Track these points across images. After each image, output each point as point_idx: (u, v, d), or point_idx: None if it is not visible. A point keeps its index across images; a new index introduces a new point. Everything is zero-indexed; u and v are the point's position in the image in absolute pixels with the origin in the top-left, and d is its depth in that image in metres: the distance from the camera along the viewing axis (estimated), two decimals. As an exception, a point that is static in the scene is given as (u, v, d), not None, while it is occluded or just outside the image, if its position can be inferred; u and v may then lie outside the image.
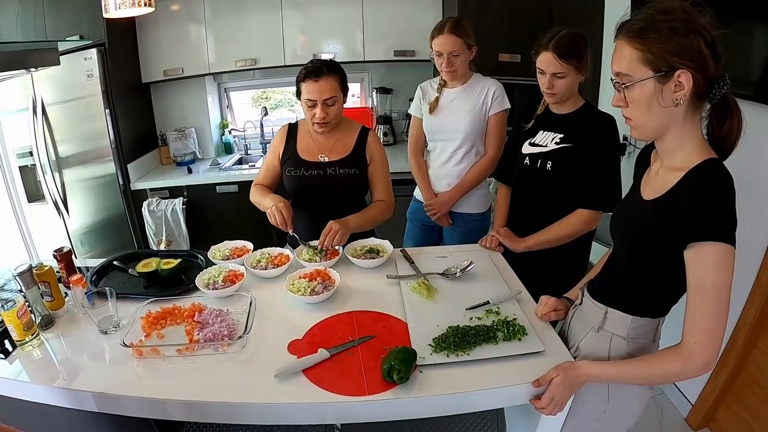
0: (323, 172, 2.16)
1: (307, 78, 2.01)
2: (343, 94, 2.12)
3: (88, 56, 3.30)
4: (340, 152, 2.19)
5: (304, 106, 2.09)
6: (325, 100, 2.03)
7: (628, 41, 1.12)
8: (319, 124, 2.08)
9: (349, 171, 2.17)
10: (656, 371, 1.22)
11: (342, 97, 2.11)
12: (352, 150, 2.19)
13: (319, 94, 2.01)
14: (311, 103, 2.04)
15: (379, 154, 2.23)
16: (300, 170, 2.17)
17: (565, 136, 1.96)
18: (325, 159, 2.17)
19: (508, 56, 3.43)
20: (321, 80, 2.00)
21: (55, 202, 3.70)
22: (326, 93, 2.02)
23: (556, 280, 1.77)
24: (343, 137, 2.21)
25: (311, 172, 2.16)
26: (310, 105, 2.05)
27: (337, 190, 2.17)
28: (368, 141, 2.22)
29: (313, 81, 2.00)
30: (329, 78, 2.01)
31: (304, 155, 2.18)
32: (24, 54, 2.19)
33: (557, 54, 1.82)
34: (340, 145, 2.19)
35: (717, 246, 1.08)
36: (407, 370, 1.28)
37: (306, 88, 2.03)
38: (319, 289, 1.70)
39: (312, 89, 2.01)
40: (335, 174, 2.16)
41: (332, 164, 2.16)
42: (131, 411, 1.34)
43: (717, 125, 1.15)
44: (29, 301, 1.57)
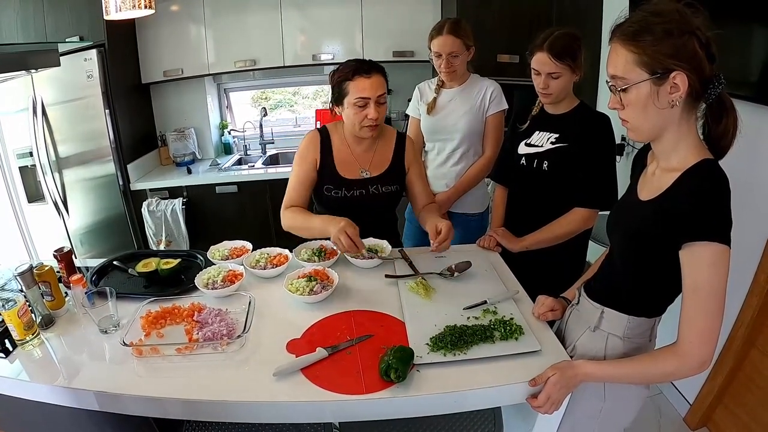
0: (366, 191, 2.04)
1: (358, 74, 1.86)
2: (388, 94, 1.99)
3: (88, 57, 3.30)
4: (380, 165, 2.06)
5: (352, 108, 1.89)
6: (378, 98, 1.88)
7: (623, 44, 1.13)
8: (370, 126, 1.92)
9: (392, 188, 2.07)
10: (652, 370, 1.23)
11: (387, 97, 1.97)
12: (390, 162, 2.06)
13: (372, 90, 1.86)
14: (363, 101, 1.87)
15: (418, 159, 2.14)
16: (341, 190, 2.02)
17: (561, 136, 1.97)
18: (366, 174, 2.04)
19: (506, 57, 3.43)
20: (373, 76, 1.86)
21: (55, 202, 3.70)
22: (380, 89, 1.88)
23: (553, 279, 1.78)
24: (380, 146, 2.07)
25: (353, 193, 2.03)
26: (361, 104, 1.87)
27: (377, 209, 2.06)
28: (406, 149, 2.10)
29: (365, 77, 1.85)
30: (379, 75, 1.89)
31: (344, 172, 2.03)
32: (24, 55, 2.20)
33: (552, 54, 1.83)
34: (378, 157, 2.06)
35: (712, 246, 1.09)
36: (404, 369, 1.29)
37: (356, 86, 1.86)
38: (318, 288, 1.70)
39: (364, 86, 1.85)
40: (378, 193, 2.05)
41: (374, 181, 2.04)
42: (131, 410, 1.34)
43: (713, 125, 1.16)
44: (30, 301, 1.58)
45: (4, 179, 3.78)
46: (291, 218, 1.99)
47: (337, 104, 1.96)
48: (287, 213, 2.01)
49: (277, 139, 4.45)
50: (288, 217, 2.00)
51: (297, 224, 1.98)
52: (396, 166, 2.08)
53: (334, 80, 1.93)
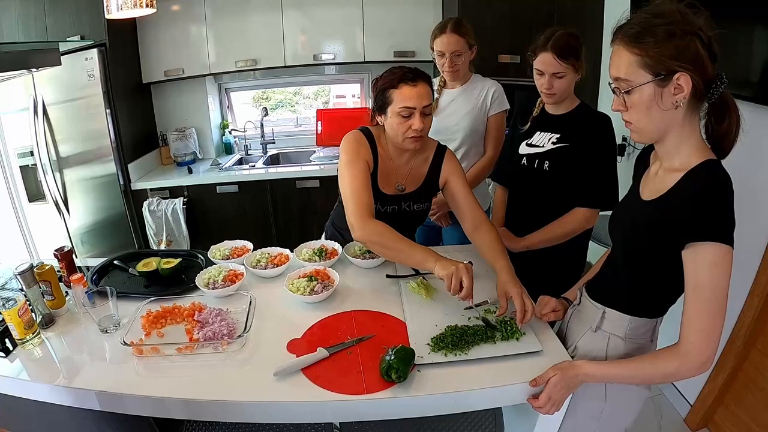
0: (398, 207, 1.96)
1: (404, 82, 1.74)
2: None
3: (89, 56, 3.30)
4: (415, 180, 1.96)
5: (396, 118, 1.77)
6: (424, 108, 1.76)
7: (626, 46, 1.13)
8: (414, 138, 1.79)
9: (423, 206, 2.00)
10: (653, 371, 1.23)
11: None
12: (425, 178, 1.96)
13: (419, 100, 1.74)
14: (407, 111, 1.75)
15: (459, 170, 1.95)
16: (377, 204, 1.85)
17: (562, 136, 1.96)
18: (401, 189, 1.95)
19: (507, 57, 3.42)
20: (419, 85, 1.75)
21: (55, 201, 3.70)
22: (426, 99, 1.76)
23: (554, 279, 1.78)
24: (418, 160, 1.96)
25: (386, 209, 1.94)
26: (406, 114, 1.75)
27: (406, 225, 1.93)
28: (444, 162, 1.95)
29: (412, 86, 1.74)
30: (425, 84, 1.77)
31: (383, 184, 1.92)
32: (25, 54, 2.20)
33: (557, 54, 1.83)
34: (415, 171, 1.96)
35: (715, 246, 1.08)
36: (405, 369, 1.29)
37: (401, 95, 1.74)
38: (319, 288, 1.70)
39: (410, 95, 1.73)
40: (409, 211, 1.98)
41: (407, 198, 1.96)
42: (131, 409, 1.34)
43: (715, 124, 1.16)
44: (30, 300, 1.58)
45: (4, 178, 3.78)
46: (378, 233, 1.71)
47: (380, 113, 1.84)
48: (372, 225, 1.72)
49: (277, 139, 4.45)
50: (373, 231, 1.71)
51: (386, 242, 1.70)
52: (430, 182, 1.97)
53: (377, 87, 1.82)
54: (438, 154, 1.97)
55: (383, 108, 1.81)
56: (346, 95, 4.80)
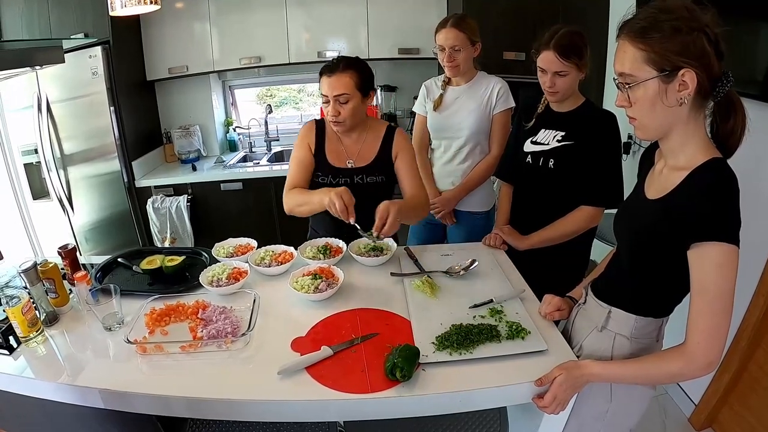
0: (350, 180, 2.09)
1: (322, 73, 1.98)
2: (362, 93, 2.01)
3: (93, 54, 3.30)
4: (366, 157, 2.12)
5: (323, 103, 2.03)
6: (336, 97, 1.96)
7: (631, 41, 1.12)
8: (333, 122, 2.03)
9: (377, 179, 2.11)
10: (659, 371, 1.22)
11: (359, 96, 2.00)
12: (377, 153, 2.12)
13: (329, 89, 1.96)
14: (325, 98, 1.99)
15: (407, 149, 2.14)
16: (328, 177, 2.10)
17: (567, 134, 1.96)
18: (351, 165, 2.11)
19: (512, 54, 3.42)
20: (334, 76, 1.95)
21: (60, 199, 3.71)
22: (337, 89, 1.95)
23: (559, 277, 1.77)
24: (369, 139, 2.14)
25: (338, 180, 2.09)
26: (324, 101, 2.00)
27: (364, 198, 2.01)
28: (394, 139, 2.13)
29: (327, 76, 1.96)
30: (342, 75, 1.95)
31: (333, 160, 2.12)
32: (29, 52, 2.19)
33: (559, 53, 1.82)
34: (366, 149, 2.13)
35: (721, 246, 1.07)
36: (410, 368, 1.28)
37: (322, 83, 1.99)
38: (323, 286, 1.70)
39: (325, 84, 1.97)
40: (363, 183, 2.10)
41: (359, 171, 2.11)
42: (135, 407, 1.34)
43: (721, 123, 1.15)
44: (34, 298, 1.58)
45: (9, 176, 3.79)
46: (292, 198, 2.06)
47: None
48: (288, 194, 2.08)
49: (282, 136, 4.45)
50: (289, 198, 2.07)
51: (297, 201, 2.03)
52: (382, 157, 2.12)
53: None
54: (389, 132, 2.14)
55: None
56: (351, 93, 4.77)
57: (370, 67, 2.05)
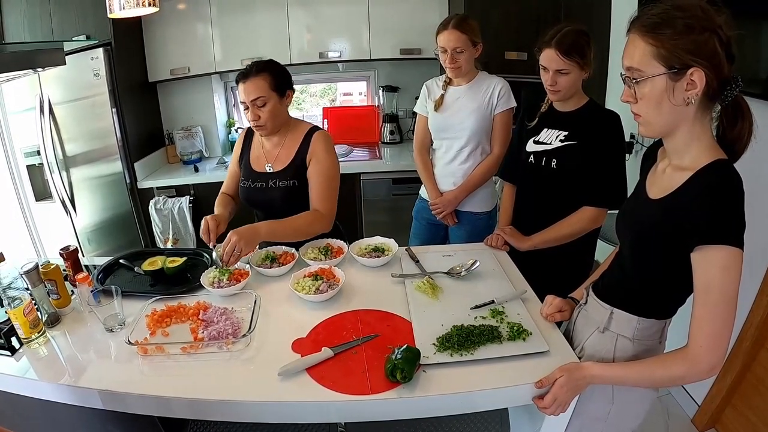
0: (265, 184, 2.13)
1: (239, 80, 2.00)
2: (279, 94, 2.02)
3: (95, 56, 3.30)
4: (283, 161, 2.12)
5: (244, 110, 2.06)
6: (254, 101, 1.98)
7: (642, 35, 1.10)
8: (255, 127, 2.07)
9: (288, 183, 2.10)
10: (661, 374, 1.21)
11: (276, 97, 2.01)
12: (293, 157, 2.11)
13: (246, 95, 1.98)
14: (243, 105, 2.02)
15: (321, 155, 2.07)
16: (248, 181, 2.17)
17: (570, 134, 1.95)
18: (270, 169, 2.13)
19: (514, 54, 3.40)
20: (248, 81, 1.97)
21: (62, 200, 3.71)
22: (252, 94, 1.97)
23: (561, 278, 1.77)
24: (288, 142, 2.13)
25: (255, 185, 2.14)
26: (244, 108, 2.03)
27: (276, 204, 2.08)
28: (311, 143, 2.09)
29: (242, 83, 1.99)
30: (256, 78, 1.97)
31: (254, 165, 2.17)
32: (30, 54, 2.20)
33: (560, 51, 1.81)
34: (284, 153, 2.13)
35: (725, 249, 1.06)
36: (411, 369, 1.28)
37: (239, 90, 2.02)
38: (324, 287, 1.70)
39: (241, 90, 2.00)
40: (275, 187, 2.11)
41: (274, 176, 2.12)
42: (136, 409, 1.34)
43: (727, 128, 1.14)
44: (35, 299, 1.58)
45: (11, 178, 3.79)
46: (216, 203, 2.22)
47: None
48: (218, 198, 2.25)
49: (283, 137, 4.42)
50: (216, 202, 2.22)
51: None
52: (295, 161, 2.11)
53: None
54: (307, 136, 2.13)
55: None
56: (353, 93, 4.79)
57: (284, 68, 2.08)
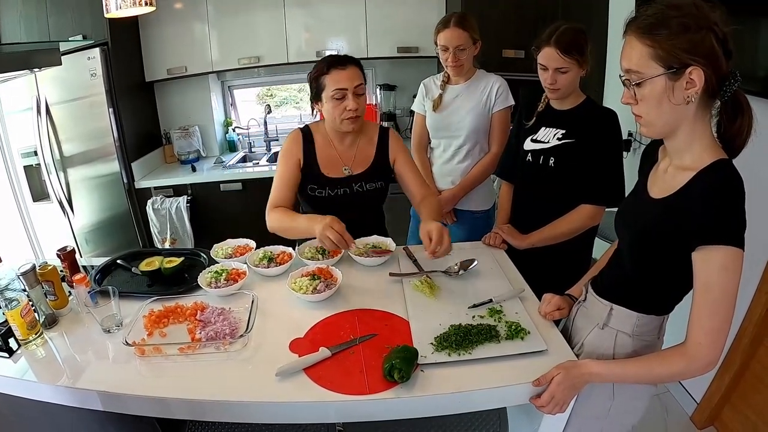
0: (350, 189, 2.03)
1: (333, 67, 1.87)
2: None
3: (92, 56, 3.29)
4: (363, 162, 2.05)
5: (330, 102, 1.90)
6: (356, 88, 1.87)
7: (638, 37, 1.10)
8: (351, 119, 1.91)
9: (376, 185, 2.06)
10: (659, 370, 1.22)
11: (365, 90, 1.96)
12: (374, 158, 2.05)
13: (349, 81, 1.86)
14: (340, 93, 1.87)
15: (405, 151, 2.08)
16: (324, 190, 2.02)
17: (567, 132, 1.95)
18: (348, 172, 2.03)
19: (512, 52, 3.40)
20: (348, 68, 1.88)
21: (59, 201, 3.71)
22: (356, 80, 1.87)
23: (559, 276, 1.76)
24: (363, 143, 2.06)
25: (337, 191, 2.03)
26: (339, 96, 1.87)
27: (363, 207, 2.02)
28: (390, 141, 2.07)
29: (341, 69, 1.87)
30: (354, 66, 1.90)
31: (327, 170, 2.02)
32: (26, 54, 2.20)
33: (560, 49, 1.81)
34: (361, 154, 2.05)
35: (726, 249, 1.07)
36: (408, 369, 1.28)
37: (333, 78, 1.87)
38: (321, 287, 1.69)
39: (341, 77, 1.86)
40: (362, 191, 2.04)
41: (357, 179, 2.03)
42: (133, 410, 1.34)
43: (727, 123, 1.14)
44: (33, 301, 1.58)
45: (8, 178, 3.79)
46: (276, 219, 1.94)
47: (317, 100, 1.97)
48: (272, 214, 1.96)
49: (281, 136, 4.44)
50: (273, 219, 1.95)
51: (283, 225, 1.92)
52: (379, 161, 2.06)
53: (311, 77, 1.95)
54: (382, 135, 2.08)
55: (318, 95, 1.94)
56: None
57: None
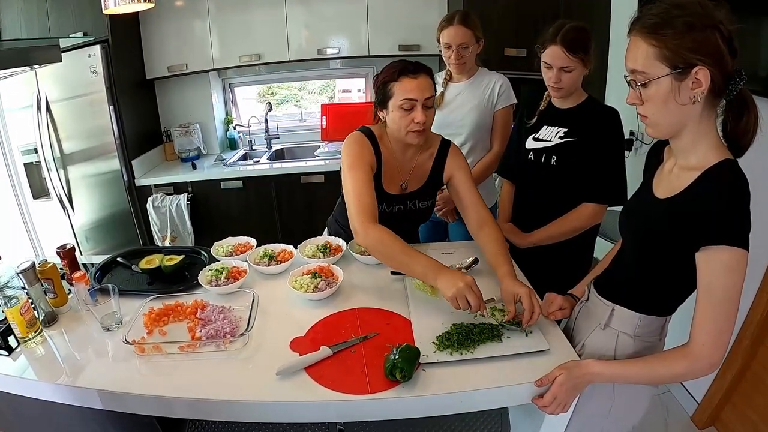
0: (404, 206, 1.93)
1: (404, 75, 1.70)
2: None
3: (92, 53, 3.29)
4: (420, 177, 1.92)
5: (397, 111, 1.72)
6: (426, 100, 1.71)
7: (643, 37, 1.09)
8: (417, 132, 1.74)
9: (428, 203, 1.97)
10: (662, 371, 1.21)
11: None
12: (429, 174, 1.92)
13: (420, 92, 1.69)
14: (409, 104, 1.70)
15: (463, 167, 1.90)
16: (381, 205, 1.84)
17: (569, 131, 1.94)
18: (405, 188, 1.92)
19: (513, 51, 3.39)
20: (420, 77, 1.71)
21: (60, 198, 3.71)
22: (428, 91, 1.71)
23: (561, 276, 1.76)
24: (423, 156, 1.92)
25: (392, 209, 1.91)
26: (407, 107, 1.70)
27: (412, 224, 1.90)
28: (448, 157, 1.91)
29: (413, 78, 1.70)
30: (426, 76, 1.73)
31: (387, 184, 1.89)
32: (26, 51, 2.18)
33: (565, 47, 1.79)
34: (419, 168, 1.92)
35: (730, 250, 1.07)
36: (410, 368, 1.27)
37: (403, 87, 1.70)
38: (322, 285, 1.68)
39: (412, 87, 1.69)
40: (415, 209, 1.95)
41: (413, 196, 1.93)
42: (133, 408, 1.33)
43: (733, 122, 1.13)
44: (32, 298, 1.57)
45: (9, 176, 3.79)
46: (381, 242, 1.63)
47: (382, 107, 1.79)
48: (377, 232, 1.64)
49: (282, 134, 4.43)
50: (377, 240, 1.64)
51: (391, 254, 1.63)
52: (434, 178, 1.94)
53: (378, 81, 1.79)
54: (442, 149, 1.92)
55: (384, 102, 1.77)
56: (352, 90, 4.77)
57: None
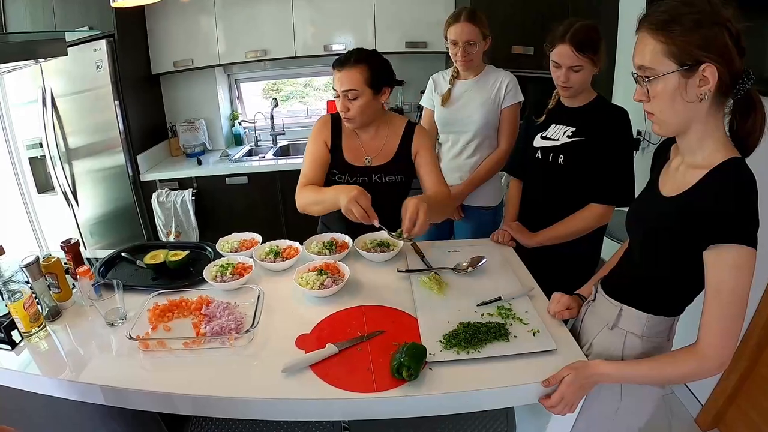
0: (368, 179, 2.04)
1: (333, 67, 1.91)
2: (374, 90, 1.92)
3: (98, 47, 3.29)
4: (386, 154, 2.05)
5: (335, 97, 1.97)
6: (345, 93, 1.89)
7: (652, 34, 1.09)
8: (343, 118, 1.97)
9: (396, 178, 2.06)
10: (670, 372, 1.20)
11: (369, 92, 1.91)
12: (396, 151, 2.05)
13: (339, 84, 1.89)
14: (335, 93, 1.93)
15: (429, 147, 2.06)
16: (344, 176, 2.05)
17: (578, 130, 1.92)
18: (369, 162, 2.05)
19: (521, 48, 3.37)
20: (343, 71, 1.88)
21: (64, 193, 3.71)
22: (345, 85, 1.88)
23: (567, 275, 1.75)
24: (388, 135, 2.06)
25: (356, 179, 2.04)
26: (335, 96, 1.94)
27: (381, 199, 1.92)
28: (414, 136, 2.05)
29: (337, 71, 1.90)
30: (353, 69, 1.87)
31: (350, 158, 2.05)
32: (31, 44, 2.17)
33: (575, 47, 1.78)
34: (384, 146, 2.06)
35: (738, 249, 1.06)
36: (417, 367, 1.26)
37: (334, 78, 1.92)
38: (328, 282, 1.67)
39: (335, 79, 1.91)
40: (380, 182, 2.05)
41: (377, 170, 2.05)
42: (137, 404, 1.33)
43: (740, 121, 1.12)
44: (36, 293, 1.57)
45: (14, 170, 3.79)
46: (304, 195, 1.96)
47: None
48: (302, 191, 1.98)
49: (288, 130, 4.43)
50: (302, 195, 1.97)
51: (310, 199, 1.93)
52: (401, 155, 2.05)
53: None
54: (408, 129, 2.07)
55: None
56: (357, 87, 4.74)
57: (385, 61, 1.98)
